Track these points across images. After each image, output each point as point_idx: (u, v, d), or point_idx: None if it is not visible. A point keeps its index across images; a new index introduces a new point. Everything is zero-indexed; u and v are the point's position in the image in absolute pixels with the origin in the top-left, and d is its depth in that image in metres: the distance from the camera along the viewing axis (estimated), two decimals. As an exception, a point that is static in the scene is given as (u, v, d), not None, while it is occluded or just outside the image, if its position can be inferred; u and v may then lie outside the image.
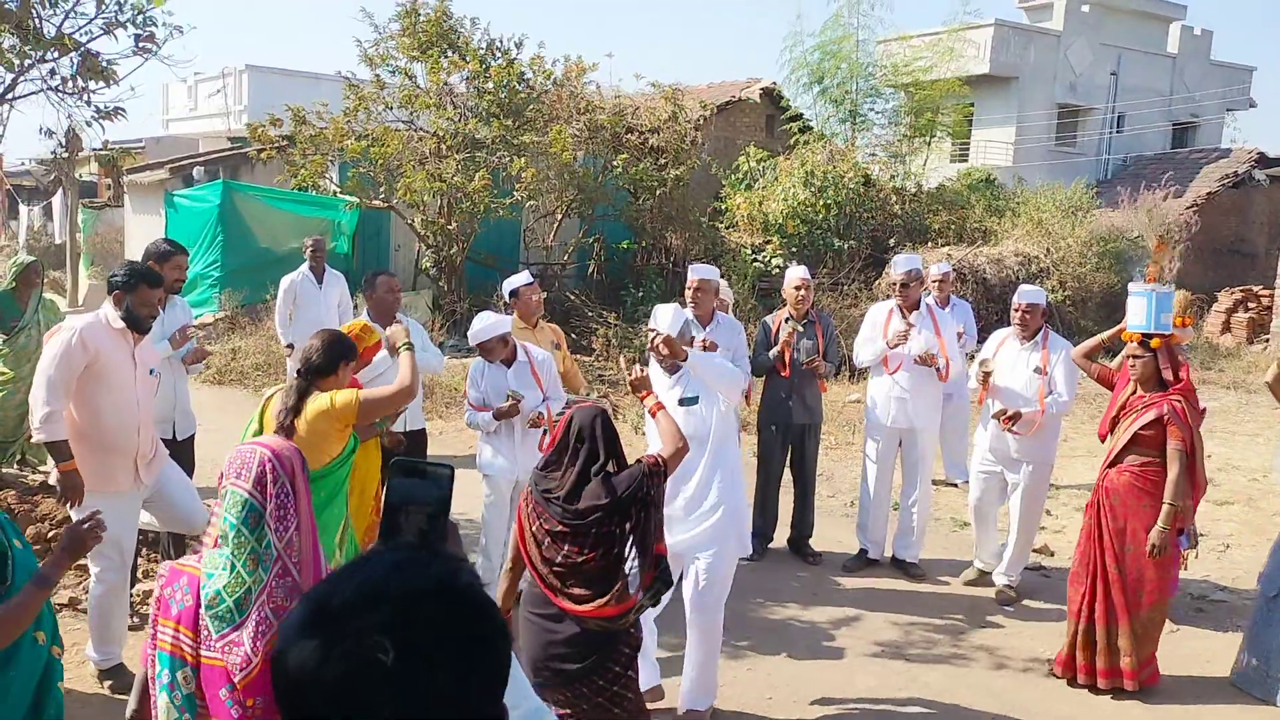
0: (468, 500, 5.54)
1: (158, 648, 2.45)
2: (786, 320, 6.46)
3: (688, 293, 6.07)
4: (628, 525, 3.41)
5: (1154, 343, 4.82)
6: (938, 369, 6.20)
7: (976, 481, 6.23)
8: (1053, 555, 6.89)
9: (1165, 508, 4.75)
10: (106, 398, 4.35)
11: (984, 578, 6.25)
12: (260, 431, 3.92)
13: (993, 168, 20.78)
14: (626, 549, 3.42)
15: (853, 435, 9.74)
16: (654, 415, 3.86)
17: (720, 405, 4.38)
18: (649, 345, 4.39)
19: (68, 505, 4.36)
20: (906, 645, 5.46)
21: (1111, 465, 4.96)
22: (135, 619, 4.92)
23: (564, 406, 5.19)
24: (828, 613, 5.81)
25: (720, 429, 4.34)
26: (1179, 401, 4.80)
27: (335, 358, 3.84)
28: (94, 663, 4.56)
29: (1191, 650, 5.47)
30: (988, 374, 5.94)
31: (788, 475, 6.71)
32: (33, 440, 4.39)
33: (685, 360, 4.36)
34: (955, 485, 8.26)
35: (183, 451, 5.46)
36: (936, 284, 7.91)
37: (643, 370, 4.06)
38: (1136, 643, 4.84)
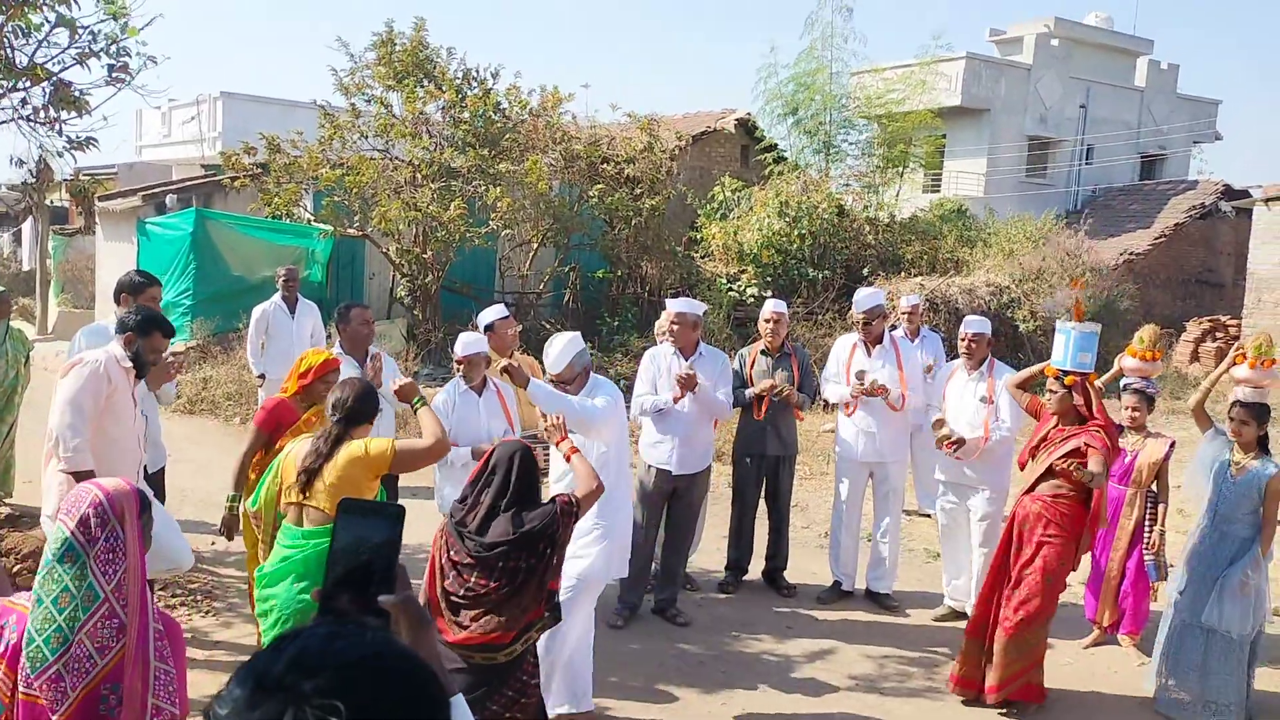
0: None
1: None
2: (762, 353, 6.48)
3: (668, 324, 6.07)
4: (533, 561, 3.46)
5: (1067, 380, 5.00)
6: (889, 402, 6.24)
7: (942, 515, 6.33)
8: (1025, 586, 6.91)
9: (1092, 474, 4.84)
10: (116, 430, 4.42)
11: (955, 614, 6.26)
12: (276, 482, 3.95)
13: (964, 198, 21.02)
14: (529, 583, 3.48)
15: (827, 465, 9.74)
16: (569, 459, 3.95)
17: (600, 446, 4.65)
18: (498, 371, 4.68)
19: None
20: (880, 679, 5.45)
21: (1028, 492, 5.10)
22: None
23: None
24: (802, 645, 5.80)
25: (599, 464, 4.40)
26: (1098, 431, 4.94)
27: (372, 406, 3.91)
28: None
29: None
30: (940, 421, 6.10)
31: (763, 507, 6.71)
32: (61, 469, 4.32)
33: (525, 386, 4.57)
34: (928, 515, 8.28)
35: (154, 484, 5.40)
36: (906, 316, 7.97)
37: (558, 417, 4.18)
38: (1006, 661, 4.96)
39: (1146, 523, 5.74)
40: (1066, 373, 5.01)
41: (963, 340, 6.20)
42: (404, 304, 14.69)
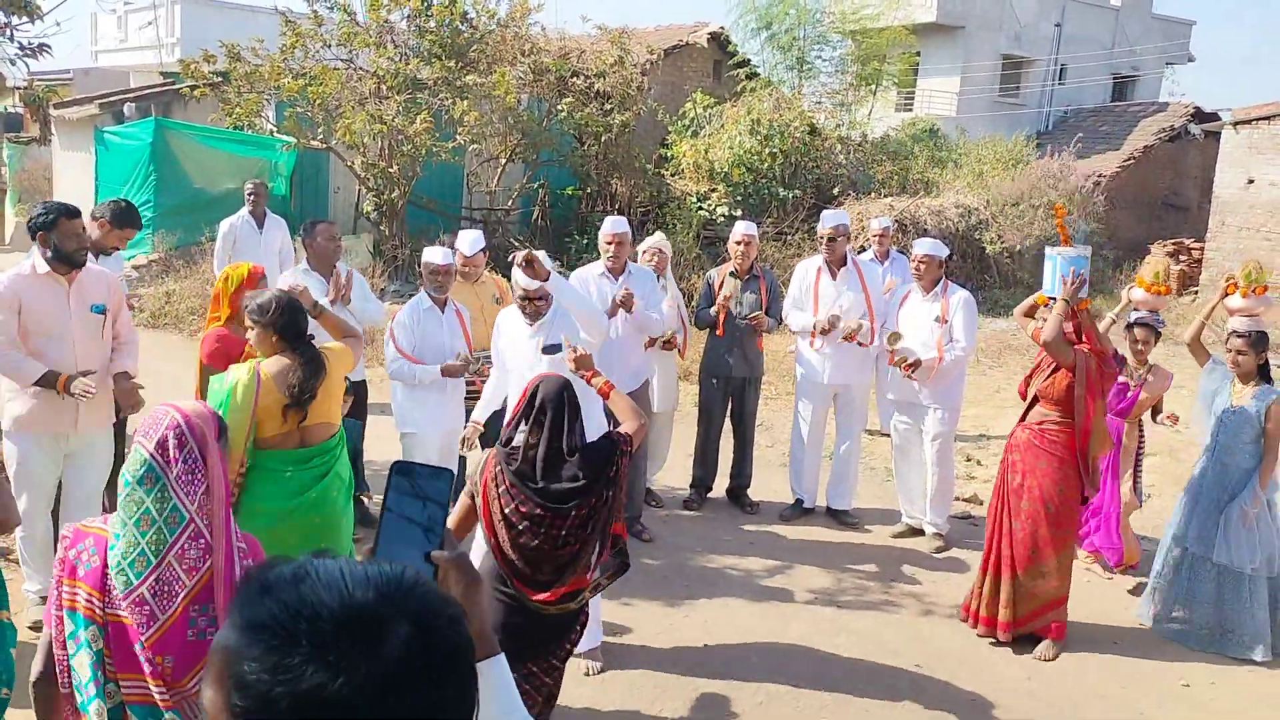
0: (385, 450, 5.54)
1: (65, 607, 2.43)
2: (730, 275, 6.50)
3: (604, 245, 6.03)
4: (597, 503, 3.25)
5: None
6: (859, 341, 6.30)
7: (895, 435, 6.45)
8: (982, 504, 7.09)
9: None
10: (42, 344, 4.32)
11: (912, 532, 6.43)
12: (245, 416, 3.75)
13: (937, 118, 20.90)
14: (598, 527, 3.28)
15: (792, 386, 9.84)
16: (606, 396, 3.73)
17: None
18: (515, 263, 4.34)
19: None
20: (838, 592, 5.61)
21: (1020, 421, 5.13)
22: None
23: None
24: (763, 561, 5.94)
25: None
26: (1086, 355, 4.87)
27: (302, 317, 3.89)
28: (34, 595, 4.62)
29: (1113, 597, 5.71)
30: (895, 334, 6.12)
31: (728, 426, 6.80)
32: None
33: (547, 279, 4.30)
34: (888, 435, 8.43)
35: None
36: (877, 238, 7.98)
37: (583, 350, 4.00)
38: (1016, 598, 4.96)
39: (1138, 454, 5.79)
40: (1055, 299, 4.95)
41: (913, 262, 6.24)
42: (370, 219, 14.51)
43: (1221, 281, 5.56)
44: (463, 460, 5.84)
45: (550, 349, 4.34)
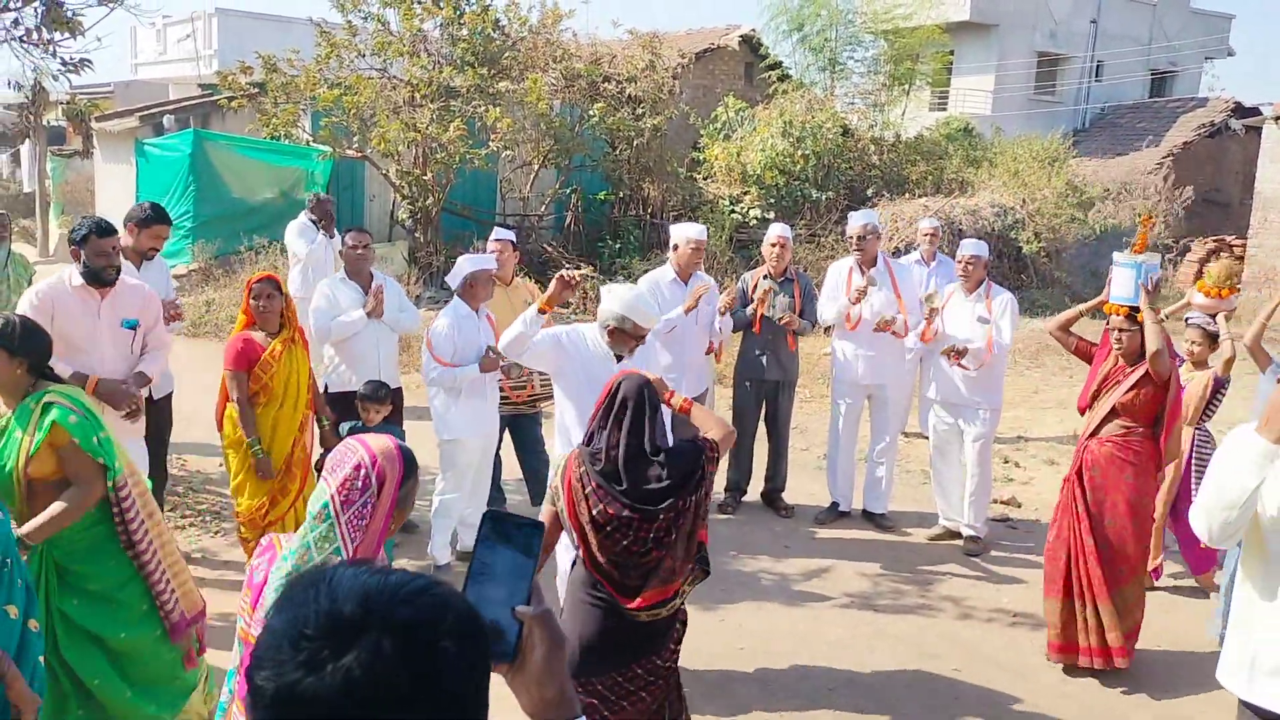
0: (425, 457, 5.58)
1: (239, 612, 2.50)
2: (765, 278, 6.49)
3: (686, 251, 6.07)
4: (684, 506, 3.18)
5: (1139, 316, 4.67)
6: (894, 331, 6.27)
7: (934, 436, 6.40)
8: (1019, 507, 7.04)
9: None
10: (69, 355, 4.35)
11: (949, 534, 6.39)
12: None
13: (971, 116, 20.73)
14: (686, 530, 3.21)
15: (827, 388, 9.79)
16: (687, 412, 3.63)
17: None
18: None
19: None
20: (875, 596, 5.58)
21: (1091, 436, 4.84)
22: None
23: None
24: (799, 565, 5.93)
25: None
26: (1176, 369, 4.72)
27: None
28: None
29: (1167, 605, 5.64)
30: (933, 310, 6.08)
31: (762, 429, 6.79)
32: None
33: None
34: (927, 437, 8.38)
35: (161, 410, 5.44)
36: (927, 238, 7.98)
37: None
38: (1119, 619, 4.67)
39: (1195, 464, 5.44)
40: (1135, 308, 4.67)
41: (960, 262, 6.21)
42: (405, 227, 14.64)
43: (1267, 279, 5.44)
44: (498, 462, 5.88)
45: None
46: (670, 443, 3.33)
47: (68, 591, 3.30)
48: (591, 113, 14.15)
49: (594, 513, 3.11)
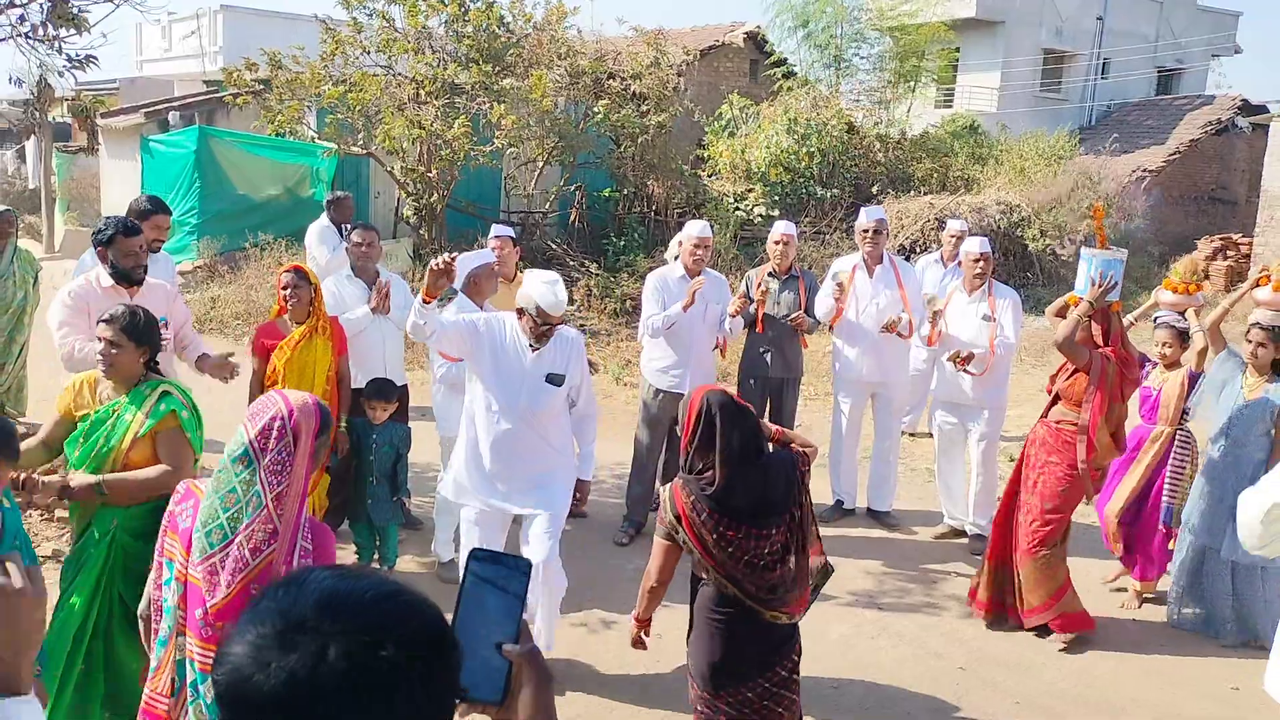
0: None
1: (164, 554, 2.69)
2: (770, 275, 6.48)
3: (691, 249, 6.03)
4: (795, 513, 3.24)
5: (1113, 306, 4.93)
6: (899, 333, 6.25)
7: (939, 435, 6.39)
8: (1025, 505, 7.02)
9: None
10: None
11: (954, 533, 6.38)
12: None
13: (977, 114, 20.69)
14: (795, 548, 3.26)
15: (830, 385, 9.81)
16: (779, 439, 3.54)
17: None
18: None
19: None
20: (880, 594, 5.58)
21: (1042, 418, 5.16)
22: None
23: None
24: (803, 562, 5.91)
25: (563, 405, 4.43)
26: (1105, 359, 4.84)
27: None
28: None
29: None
30: (936, 312, 6.08)
31: (766, 427, 6.78)
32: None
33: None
34: (931, 435, 8.37)
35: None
36: (954, 240, 7.89)
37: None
38: (1028, 585, 5.03)
39: (1171, 464, 5.41)
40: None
41: (971, 261, 6.18)
42: (409, 224, 14.62)
43: (1258, 273, 5.45)
44: None
45: (553, 379, 4.28)
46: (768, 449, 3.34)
47: (128, 576, 3.37)
48: (596, 110, 14.12)
49: (714, 537, 3.14)
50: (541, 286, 4.14)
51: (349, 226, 6.40)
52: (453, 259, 4.06)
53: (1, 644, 1.10)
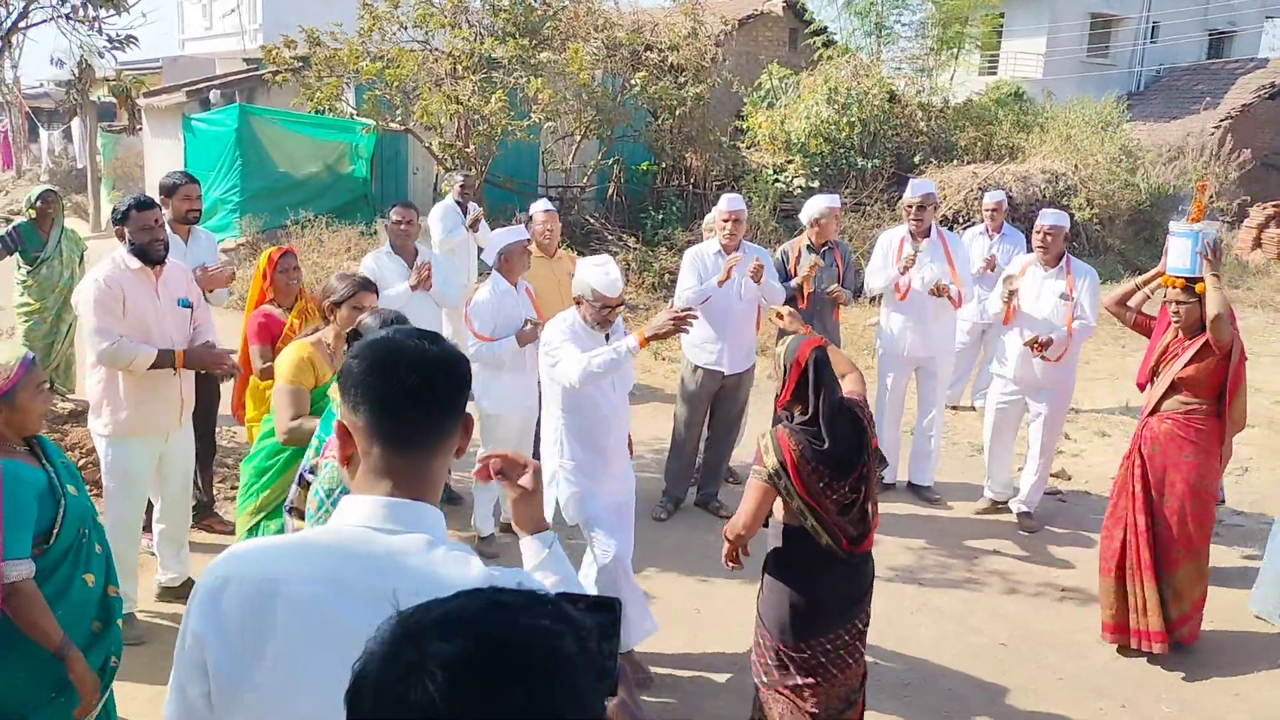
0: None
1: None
2: (807, 248, 6.40)
3: (721, 223, 5.99)
4: (869, 456, 3.37)
5: (1199, 287, 4.50)
6: (950, 297, 6.15)
7: (993, 412, 6.23)
8: (1069, 479, 6.93)
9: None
10: (144, 340, 4.33)
11: (995, 508, 6.30)
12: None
13: (1022, 80, 20.29)
14: (873, 473, 3.41)
15: (871, 359, 9.71)
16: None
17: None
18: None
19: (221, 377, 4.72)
20: (919, 569, 5.53)
21: (1152, 413, 4.70)
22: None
23: None
24: (843, 538, 5.88)
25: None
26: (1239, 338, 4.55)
27: None
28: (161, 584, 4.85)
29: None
30: (1013, 291, 5.89)
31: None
32: (132, 368, 4.32)
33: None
34: (974, 409, 8.29)
35: (209, 385, 5.49)
36: (990, 212, 7.83)
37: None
38: (1170, 603, 4.58)
39: None
40: (1193, 279, 4.52)
41: (1038, 233, 5.95)
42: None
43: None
44: (537, 435, 5.88)
45: None
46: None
47: None
48: (633, 82, 14.02)
49: (821, 484, 3.24)
50: (593, 270, 4.17)
51: (388, 205, 6.42)
52: (687, 315, 4.10)
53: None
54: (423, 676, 0.87)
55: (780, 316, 4.20)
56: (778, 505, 3.38)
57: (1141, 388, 4.89)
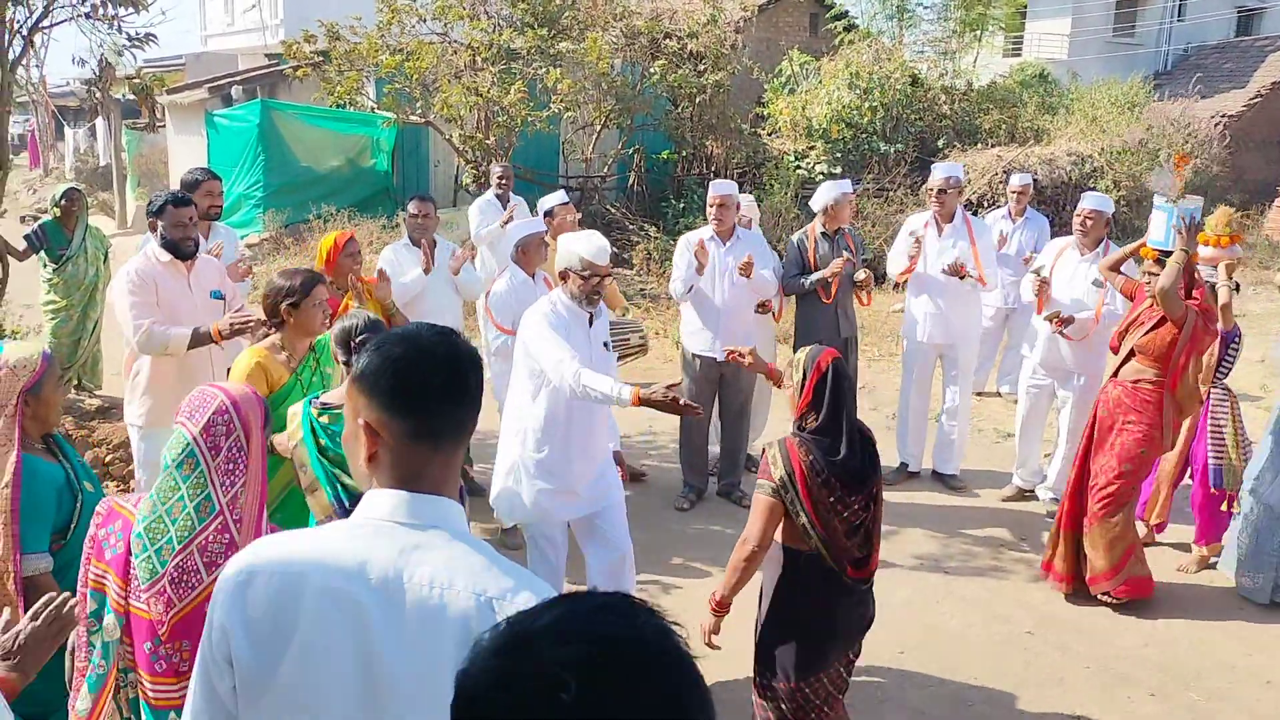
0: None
1: (90, 586, 2.38)
2: (821, 235, 6.32)
3: (710, 211, 5.98)
4: (879, 478, 3.28)
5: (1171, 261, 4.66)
6: (969, 275, 6.07)
7: (1025, 398, 6.17)
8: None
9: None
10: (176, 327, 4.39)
11: (1022, 495, 6.24)
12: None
13: (1047, 62, 20.03)
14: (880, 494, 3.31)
15: (895, 346, 9.65)
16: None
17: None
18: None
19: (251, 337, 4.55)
20: (945, 558, 5.49)
21: (1113, 377, 4.97)
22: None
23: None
24: (867, 526, 5.84)
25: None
26: (1193, 313, 4.65)
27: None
28: None
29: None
30: (1044, 282, 5.82)
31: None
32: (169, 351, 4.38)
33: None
34: (999, 394, 8.21)
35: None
36: (1016, 195, 7.74)
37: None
38: (1095, 551, 4.87)
39: (1211, 424, 5.28)
40: (1167, 253, 4.71)
41: (1078, 216, 5.87)
42: (469, 192, 14.66)
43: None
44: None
45: (608, 344, 4.20)
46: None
47: None
48: (653, 71, 13.97)
49: (830, 498, 3.08)
50: (580, 240, 3.98)
51: (407, 198, 6.44)
52: (689, 407, 3.80)
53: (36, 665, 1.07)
54: (548, 683, 0.87)
55: (742, 356, 3.98)
56: (779, 530, 3.20)
57: (1114, 351, 5.06)
